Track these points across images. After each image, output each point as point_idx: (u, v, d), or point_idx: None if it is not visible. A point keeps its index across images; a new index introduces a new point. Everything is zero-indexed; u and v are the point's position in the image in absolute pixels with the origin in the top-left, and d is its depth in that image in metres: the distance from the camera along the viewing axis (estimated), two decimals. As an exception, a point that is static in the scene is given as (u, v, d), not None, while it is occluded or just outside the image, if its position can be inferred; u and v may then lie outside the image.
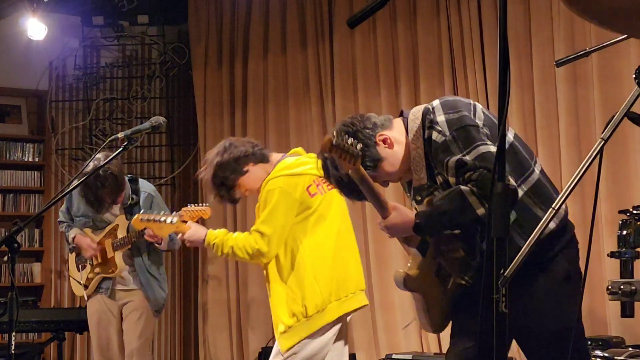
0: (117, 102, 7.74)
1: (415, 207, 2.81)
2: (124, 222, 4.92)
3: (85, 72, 7.64)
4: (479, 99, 5.59)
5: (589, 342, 4.21)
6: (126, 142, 3.28)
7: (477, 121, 2.69)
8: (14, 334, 3.25)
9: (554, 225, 2.64)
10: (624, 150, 4.81)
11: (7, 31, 7.16)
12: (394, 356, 5.40)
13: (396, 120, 2.86)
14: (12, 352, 3.28)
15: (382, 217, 2.74)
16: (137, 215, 4.31)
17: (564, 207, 2.72)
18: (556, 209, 1.99)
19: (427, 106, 2.78)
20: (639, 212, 2.85)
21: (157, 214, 4.24)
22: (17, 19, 6.88)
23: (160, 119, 3.42)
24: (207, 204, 4.39)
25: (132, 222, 4.42)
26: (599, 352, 3.81)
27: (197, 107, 7.46)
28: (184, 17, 7.61)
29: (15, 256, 3.26)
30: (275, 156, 3.98)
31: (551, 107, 5.24)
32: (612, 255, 2.88)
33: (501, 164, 1.90)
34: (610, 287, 2.75)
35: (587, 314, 4.80)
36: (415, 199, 2.80)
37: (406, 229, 2.71)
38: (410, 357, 5.30)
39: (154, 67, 7.75)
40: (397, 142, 2.79)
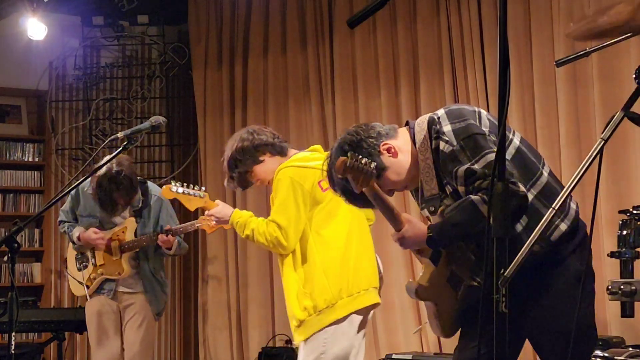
0: (117, 102, 7.74)
1: (427, 215, 2.83)
2: (133, 224, 4.92)
3: (85, 72, 7.64)
4: (479, 99, 5.59)
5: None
6: (126, 142, 3.28)
7: (483, 128, 2.70)
8: (14, 334, 3.25)
9: (565, 226, 2.66)
10: (624, 150, 4.80)
11: (7, 31, 7.16)
12: (394, 356, 5.39)
13: (401, 129, 2.87)
14: (12, 352, 3.28)
15: (395, 230, 2.77)
16: (166, 185, 4.26)
17: (574, 208, 2.74)
18: (556, 208, 1.99)
19: (432, 116, 2.78)
20: (639, 212, 2.85)
21: (186, 186, 4.21)
22: (17, 19, 6.88)
23: (160, 119, 3.42)
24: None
25: (162, 191, 4.34)
26: (599, 352, 3.80)
27: (197, 107, 7.46)
28: (184, 17, 7.61)
29: (15, 256, 3.26)
30: (293, 152, 4.03)
31: (551, 107, 5.24)
32: (612, 255, 2.88)
33: (501, 164, 1.90)
34: (610, 287, 2.76)
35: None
36: (428, 210, 2.81)
37: (419, 241, 2.74)
38: (410, 357, 5.30)
39: (154, 67, 7.75)
40: (401, 151, 2.81)
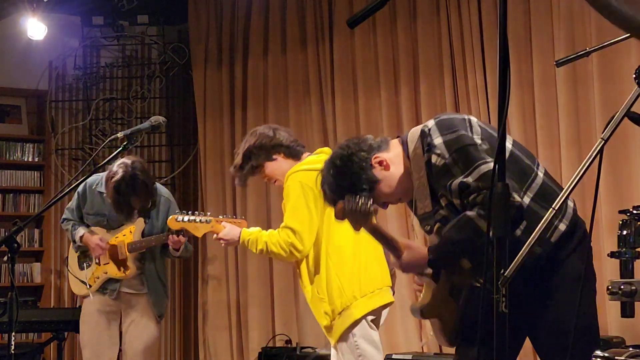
0: (117, 102, 7.74)
1: (422, 228, 2.83)
2: (141, 224, 4.91)
3: (85, 72, 7.64)
4: (479, 98, 5.59)
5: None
6: (126, 142, 3.28)
7: (475, 138, 2.68)
8: (13, 334, 3.25)
9: (564, 226, 2.66)
10: (624, 150, 4.80)
11: (7, 31, 7.16)
12: (394, 356, 5.39)
13: (393, 141, 2.87)
14: (12, 352, 3.29)
15: (395, 257, 2.78)
16: (172, 216, 4.31)
17: (571, 206, 2.74)
18: (556, 208, 1.99)
19: (423, 128, 2.78)
20: (639, 212, 2.85)
21: (191, 214, 4.25)
22: (17, 19, 6.87)
23: (160, 119, 3.42)
24: (243, 217, 4.42)
25: (168, 222, 4.38)
26: (599, 352, 3.80)
27: (197, 107, 7.46)
28: (184, 17, 7.61)
29: (15, 256, 3.27)
30: (305, 155, 4.06)
31: (551, 107, 5.23)
32: (612, 255, 2.87)
33: (501, 164, 1.90)
34: (610, 287, 2.75)
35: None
36: (424, 229, 2.82)
37: (420, 265, 2.75)
38: (410, 357, 5.29)
39: (153, 67, 7.75)
40: (393, 163, 2.81)
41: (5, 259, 3.28)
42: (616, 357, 3.62)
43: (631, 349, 3.86)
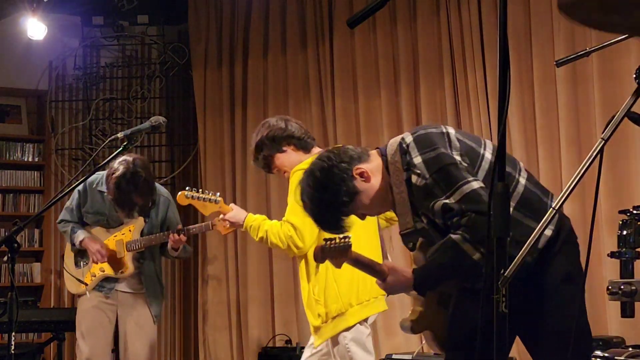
0: (117, 102, 7.74)
1: (405, 245, 2.84)
2: (140, 223, 4.91)
3: (85, 72, 7.64)
4: (479, 98, 5.59)
5: (589, 342, 4.21)
6: (126, 142, 3.29)
7: (454, 155, 2.66)
8: (13, 334, 3.25)
9: (550, 231, 2.66)
10: (624, 150, 4.80)
11: (7, 31, 7.17)
12: (394, 356, 5.39)
13: (373, 152, 2.85)
14: (12, 352, 3.29)
15: (380, 280, 2.79)
16: (181, 192, 4.29)
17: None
18: (556, 209, 1.99)
19: (401, 142, 2.75)
20: (639, 212, 2.85)
21: (201, 192, 4.25)
22: (17, 19, 6.88)
23: (160, 119, 3.42)
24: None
25: (177, 197, 4.35)
26: (599, 352, 3.80)
27: (197, 107, 7.46)
28: (184, 17, 7.61)
29: (15, 256, 3.27)
30: (317, 149, 4.07)
31: (551, 107, 5.23)
32: (612, 255, 2.88)
33: (501, 164, 1.90)
34: (610, 287, 2.75)
35: (588, 314, 4.79)
36: (406, 246, 2.82)
37: (405, 287, 2.76)
38: (410, 357, 5.30)
39: (153, 67, 7.75)
40: (374, 175, 2.79)
41: (5, 259, 3.28)
42: (616, 357, 3.63)
43: (631, 349, 3.87)
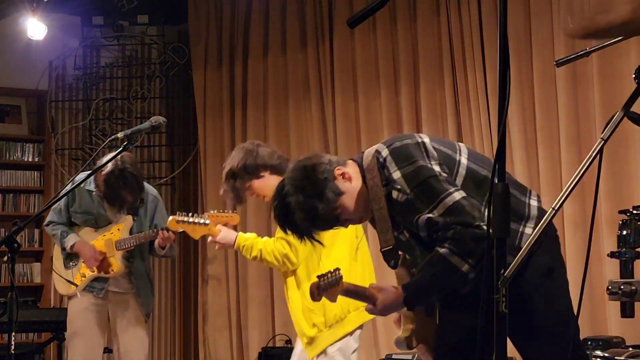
0: (117, 102, 7.74)
1: (387, 263, 2.83)
2: (129, 222, 4.90)
3: (85, 72, 7.64)
4: (479, 98, 5.59)
5: (589, 342, 4.21)
6: (126, 142, 3.28)
7: (433, 166, 2.64)
8: (13, 334, 3.25)
9: (530, 230, 2.65)
10: (624, 150, 4.81)
11: (7, 31, 7.16)
12: (394, 356, 5.39)
13: (350, 162, 2.82)
14: (12, 352, 3.29)
15: (371, 305, 2.77)
16: (172, 217, 4.33)
17: (535, 205, 2.72)
18: (556, 208, 1.99)
19: (376, 155, 2.72)
20: (639, 212, 2.85)
21: (190, 216, 4.28)
22: (17, 19, 6.88)
23: (160, 119, 3.42)
24: (235, 211, 4.42)
25: (168, 223, 4.39)
26: (599, 352, 3.80)
27: (197, 107, 7.46)
28: (184, 17, 7.61)
29: (15, 256, 3.27)
30: None
31: (551, 107, 5.24)
32: (612, 255, 2.88)
33: (501, 164, 1.90)
34: (610, 287, 2.75)
35: (587, 314, 4.80)
36: (388, 264, 2.80)
37: (396, 306, 2.74)
38: (410, 357, 5.29)
39: (153, 67, 7.75)
40: (354, 178, 2.76)
41: (5, 259, 3.28)
42: (616, 357, 3.63)
43: (631, 349, 3.87)
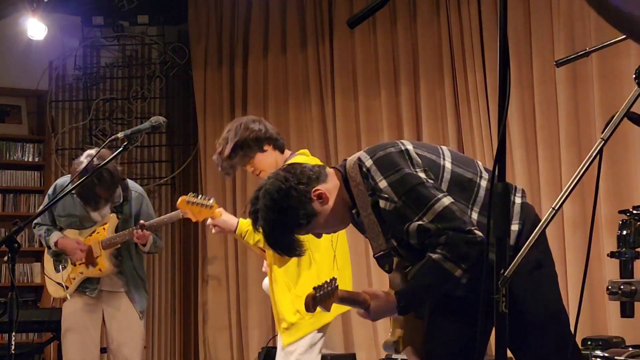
0: (117, 102, 7.74)
1: (382, 268, 2.82)
2: (114, 221, 4.85)
3: (85, 72, 7.64)
4: (479, 99, 5.59)
5: (589, 342, 4.21)
6: (126, 142, 3.28)
7: (418, 172, 2.65)
8: (13, 334, 3.25)
9: (516, 226, 2.65)
10: (624, 150, 4.80)
11: (7, 31, 7.17)
12: (394, 356, 5.39)
13: (331, 171, 2.81)
14: (12, 352, 3.29)
15: (364, 310, 2.77)
16: (182, 197, 4.20)
17: (518, 202, 2.71)
18: (556, 209, 1.99)
19: (360, 164, 2.72)
20: (639, 212, 2.84)
21: (200, 197, 4.17)
22: (17, 19, 6.88)
23: (160, 119, 3.41)
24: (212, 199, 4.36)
25: (178, 203, 4.24)
26: (599, 352, 3.80)
27: (197, 107, 7.46)
28: (184, 17, 7.61)
29: (15, 256, 3.27)
30: (287, 152, 4.09)
31: (551, 107, 5.23)
32: (612, 255, 2.88)
33: (501, 164, 1.90)
34: (610, 287, 2.75)
35: (587, 314, 4.80)
36: (383, 269, 2.80)
37: (390, 311, 2.74)
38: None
39: (154, 67, 7.75)
40: (332, 195, 2.75)
41: (5, 259, 3.29)
42: (616, 357, 3.63)
43: (631, 349, 3.87)
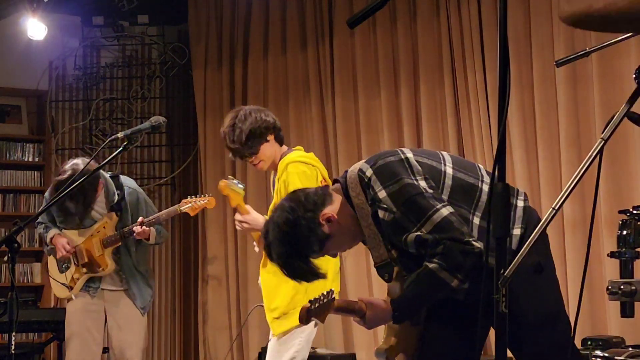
0: (117, 102, 7.74)
1: (381, 277, 2.82)
2: (114, 219, 4.88)
3: (85, 72, 7.64)
4: (479, 99, 5.59)
5: (589, 342, 4.21)
6: (126, 142, 3.28)
7: (418, 181, 2.64)
8: (13, 334, 3.25)
9: (519, 230, 2.66)
10: (624, 150, 4.80)
11: (7, 31, 7.17)
12: (394, 356, 5.39)
13: (333, 188, 2.80)
14: (12, 352, 3.29)
15: (359, 318, 2.76)
16: (223, 181, 4.09)
17: (521, 206, 2.72)
18: (556, 209, 1.99)
19: (360, 174, 2.70)
20: (639, 212, 2.84)
21: (238, 183, 4.06)
22: (17, 19, 6.88)
23: (160, 119, 3.42)
24: (209, 195, 4.34)
25: (219, 186, 4.11)
26: (599, 352, 3.80)
27: (197, 107, 7.46)
28: (184, 17, 7.61)
29: (15, 256, 3.27)
30: (285, 146, 4.08)
31: (551, 107, 5.23)
32: (612, 255, 2.88)
33: (501, 164, 1.90)
34: (610, 287, 2.75)
35: (587, 314, 4.80)
36: (382, 278, 2.79)
37: (385, 319, 2.74)
38: (410, 357, 5.29)
39: (154, 67, 7.75)
40: (340, 215, 2.73)
41: (5, 259, 3.29)
42: (616, 357, 3.63)
43: (631, 349, 3.87)
